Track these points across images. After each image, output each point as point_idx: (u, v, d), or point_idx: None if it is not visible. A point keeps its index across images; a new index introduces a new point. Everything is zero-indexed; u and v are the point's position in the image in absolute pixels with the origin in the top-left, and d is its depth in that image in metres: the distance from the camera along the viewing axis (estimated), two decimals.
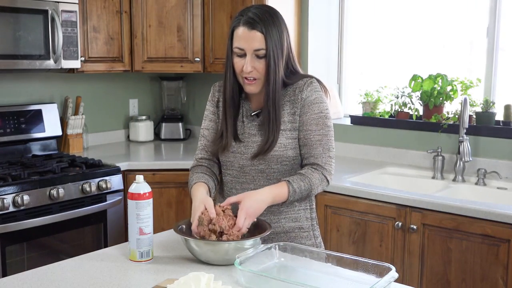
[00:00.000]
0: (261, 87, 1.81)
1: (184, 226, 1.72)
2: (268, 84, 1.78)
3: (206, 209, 1.67)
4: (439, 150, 3.02)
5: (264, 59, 1.76)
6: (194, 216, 1.68)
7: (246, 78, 1.79)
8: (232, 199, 1.70)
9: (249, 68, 1.76)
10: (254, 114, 1.87)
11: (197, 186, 1.82)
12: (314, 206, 1.95)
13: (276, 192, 1.73)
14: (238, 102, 1.88)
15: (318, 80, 1.86)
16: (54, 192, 2.74)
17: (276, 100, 1.79)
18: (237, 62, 1.79)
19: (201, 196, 1.74)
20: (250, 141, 1.84)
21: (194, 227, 1.66)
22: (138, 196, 1.64)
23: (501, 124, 2.98)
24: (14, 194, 2.62)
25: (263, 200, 1.70)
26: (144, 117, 3.94)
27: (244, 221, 1.64)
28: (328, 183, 1.82)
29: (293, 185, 1.74)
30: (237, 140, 1.86)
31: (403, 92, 3.30)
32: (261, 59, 1.76)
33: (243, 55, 1.77)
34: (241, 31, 1.76)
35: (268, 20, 1.75)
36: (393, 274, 1.42)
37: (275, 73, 1.77)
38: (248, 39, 1.75)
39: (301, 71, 1.88)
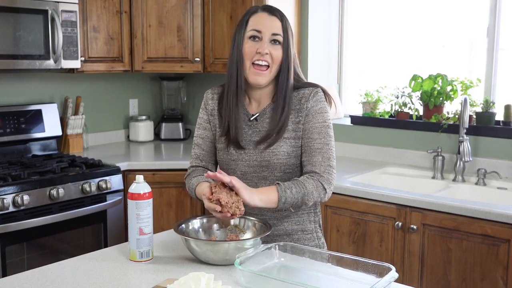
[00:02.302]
0: (267, 80, 1.80)
1: (184, 226, 1.72)
2: (287, 72, 1.79)
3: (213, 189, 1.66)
4: (439, 150, 3.02)
5: (280, 46, 1.78)
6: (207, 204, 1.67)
7: (256, 64, 1.77)
8: (237, 182, 1.64)
9: (266, 49, 1.76)
10: (253, 119, 1.85)
11: (201, 184, 1.80)
12: (318, 209, 1.94)
13: (266, 197, 1.69)
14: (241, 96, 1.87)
15: (323, 90, 1.86)
16: (54, 192, 2.74)
17: (289, 87, 1.81)
18: (251, 46, 1.78)
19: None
20: (252, 147, 1.83)
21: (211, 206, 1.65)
22: (138, 196, 1.64)
23: (501, 124, 2.98)
24: (14, 194, 2.62)
25: (256, 204, 1.68)
26: (144, 117, 3.94)
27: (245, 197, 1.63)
28: (326, 191, 1.76)
29: (282, 187, 1.70)
30: (238, 147, 1.84)
31: (403, 92, 3.30)
32: (277, 45, 1.78)
33: (258, 39, 1.78)
34: (260, 15, 1.80)
35: (283, 13, 1.82)
36: (393, 274, 1.42)
37: (289, 60, 1.79)
38: (267, 22, 1.78)
39: (303, 77, 1.89)
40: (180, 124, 4.03)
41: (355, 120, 3.47)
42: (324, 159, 1.78)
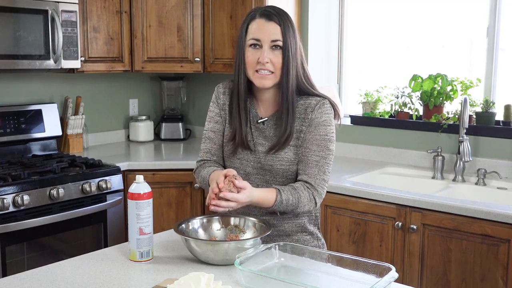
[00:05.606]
0: (273, 83, 1.79)
1: (184, 226, 1.73)
2: (286, 77, 1.77)
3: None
4: (439, 150, 3.02)
5: (281, 51, 1.76)
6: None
7: (259, 71, 1.77)
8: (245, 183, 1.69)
9: (266, 58, 1.74)
10: (261, 122, 1.85)
11: (215, 172, 1.79)
12: (318, 213, 1.94)
13: (264, 197, 1.73)
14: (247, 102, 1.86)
15: (331, 102, 1.84)
16: (54, 192, 2.74)
17: (293, 93, 1.79)
18: (252, 54, 1.77)
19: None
20: (257, 150, 1.84)
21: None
22: (138, 196, 1.64)
23: (501, 124, 2.98)
24: (14, 194, 2.61)
25: (252, 201, 1.71)
26: (144, 117, 3.94)
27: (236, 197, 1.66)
28: (316, 204, 1.81)
29: (282, 196, 1.73)
30: (244, 148, 1.85)
31: (403, 92, 3.30)
32: (277, 51, 1.76)
33: (259, 47, 1.76)
34: (258, 22, 1.77)
35: (284, 15, 1.78)
36: (393, 274, 1.42)
37: (292, 65, 1.76)
38: (266, 30, 1.75)
39: (313, 82, 1.87)
40: (180, 124, 4.03)
41: (355, 120, 3.47)
42: (320, 173, 1.79)
